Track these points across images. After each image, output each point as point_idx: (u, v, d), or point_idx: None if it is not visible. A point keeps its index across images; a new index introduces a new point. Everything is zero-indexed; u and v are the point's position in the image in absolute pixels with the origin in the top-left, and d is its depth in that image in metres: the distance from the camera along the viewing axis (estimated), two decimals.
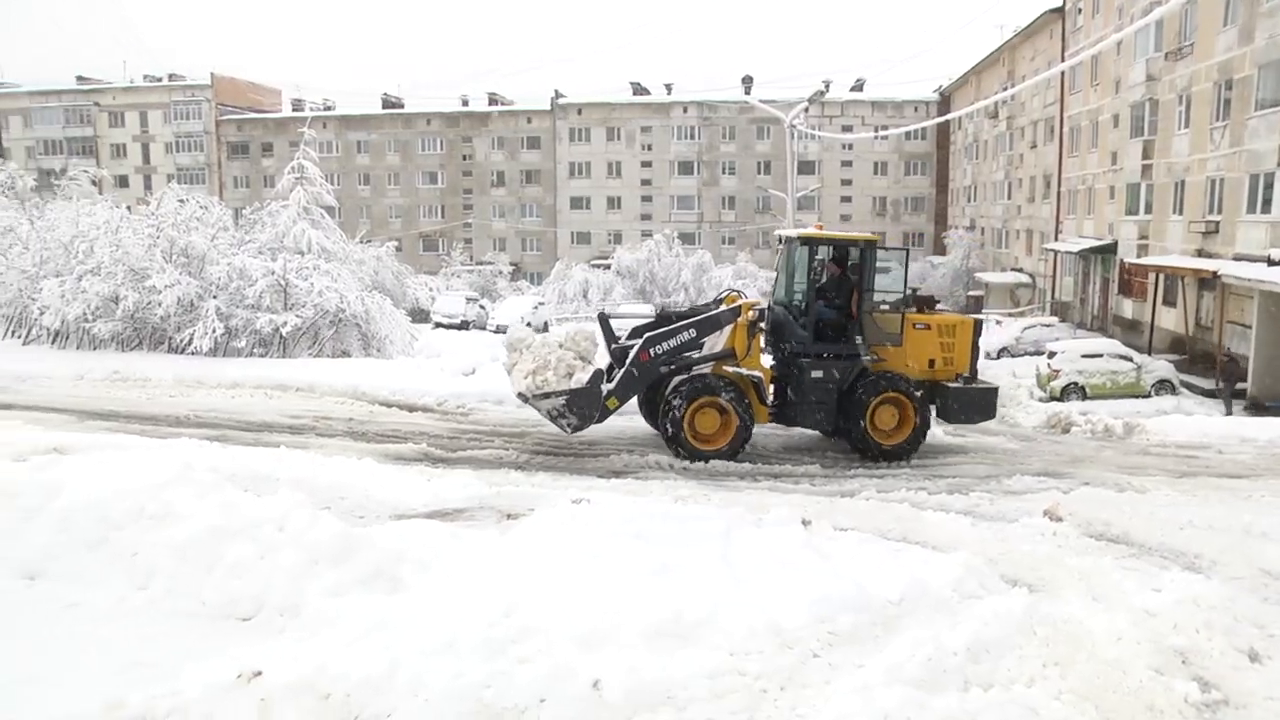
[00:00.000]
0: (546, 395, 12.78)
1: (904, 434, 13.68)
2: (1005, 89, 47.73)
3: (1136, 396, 24.15)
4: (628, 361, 13.10)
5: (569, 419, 12.88)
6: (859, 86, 74.63)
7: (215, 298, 22.65)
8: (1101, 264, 39.41)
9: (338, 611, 6.02)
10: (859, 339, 13.66)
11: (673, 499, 9.35)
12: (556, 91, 76.51)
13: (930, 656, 5.52)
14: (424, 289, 42.07)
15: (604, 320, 14.14)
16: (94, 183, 33.97)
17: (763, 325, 13.80)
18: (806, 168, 68.98)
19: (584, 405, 12.76)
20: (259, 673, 5.07)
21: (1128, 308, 36.21)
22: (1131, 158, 34.72)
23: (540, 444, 13.86)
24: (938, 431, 16.00)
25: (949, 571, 6.80)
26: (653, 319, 14.14)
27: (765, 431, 15.17)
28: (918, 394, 13.70)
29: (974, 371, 14.57)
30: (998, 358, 33.84)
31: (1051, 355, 25.83)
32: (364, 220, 68.56)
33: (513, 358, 13.47)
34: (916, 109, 72.22)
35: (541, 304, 45.30)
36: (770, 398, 13.92)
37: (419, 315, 36.50)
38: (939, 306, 15.52)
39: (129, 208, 27.90)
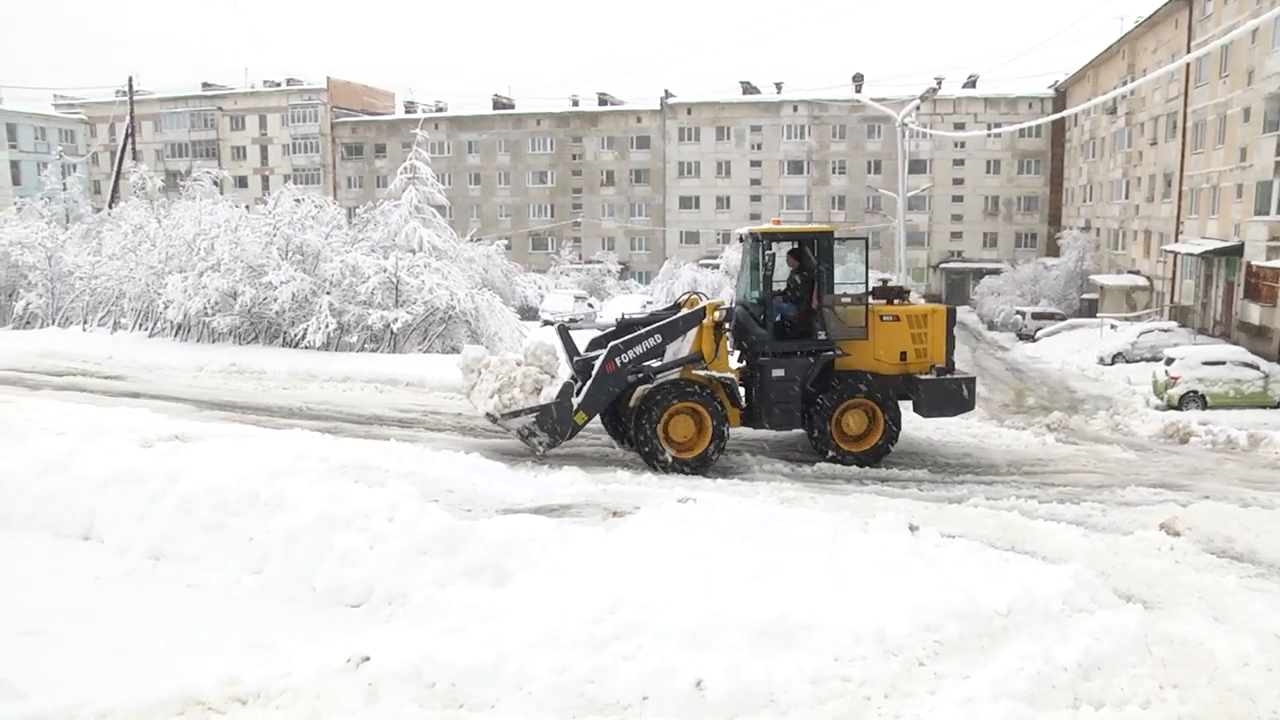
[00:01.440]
0: (515, 414, 12.30)
1: (872, 440, 13.23)
2: (1124, 83, 46.13)
3: (1263, 407, 23.14)
4: (594, 373, 12.53)
5: (539, 437, 12.35)
6: (972, 83, 73.01)
7: (328, 294, 23.32)
8: (1226, 266, 37.82)
9: (444, 602, 6.19)
10: (821, 334, 13.18)
11: (778, 501, 9.32)
12: (666, 91, 76.68)
13: (1039, 671, 5.39)
14: (533, 287, 42.71)
15: (564, 333, 13.66)
16: (216, 183, 35.25)
17: (728, 326, 13.31)
18: (917, 167, 67.76)
19: (555, 421, 12.27)
20: (367, 658, 5.24)
21: (1254, 313, 34.63)
22: (1264, 154, 33.12)
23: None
24: (1049, 438, 15.59)
25: (1059, 583, 6.60)
26: (612, 328, 13.54)
27: None
28: (888, 398, 13.22)
29: (950, 363, 13.93)
30: (1112, 363, 32.80)
31: (1169, 362, 24.92)
32: (474, 219, 69.80)
33: (470, 379, 12.88)
34: (1030, 105, 70.31)
35: (649, 303, 45.49)
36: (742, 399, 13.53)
37: (527, 313, 37.04)
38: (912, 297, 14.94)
39: (247, 207, 28.90)
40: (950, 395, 13.61)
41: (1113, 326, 38.13)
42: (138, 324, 26.44)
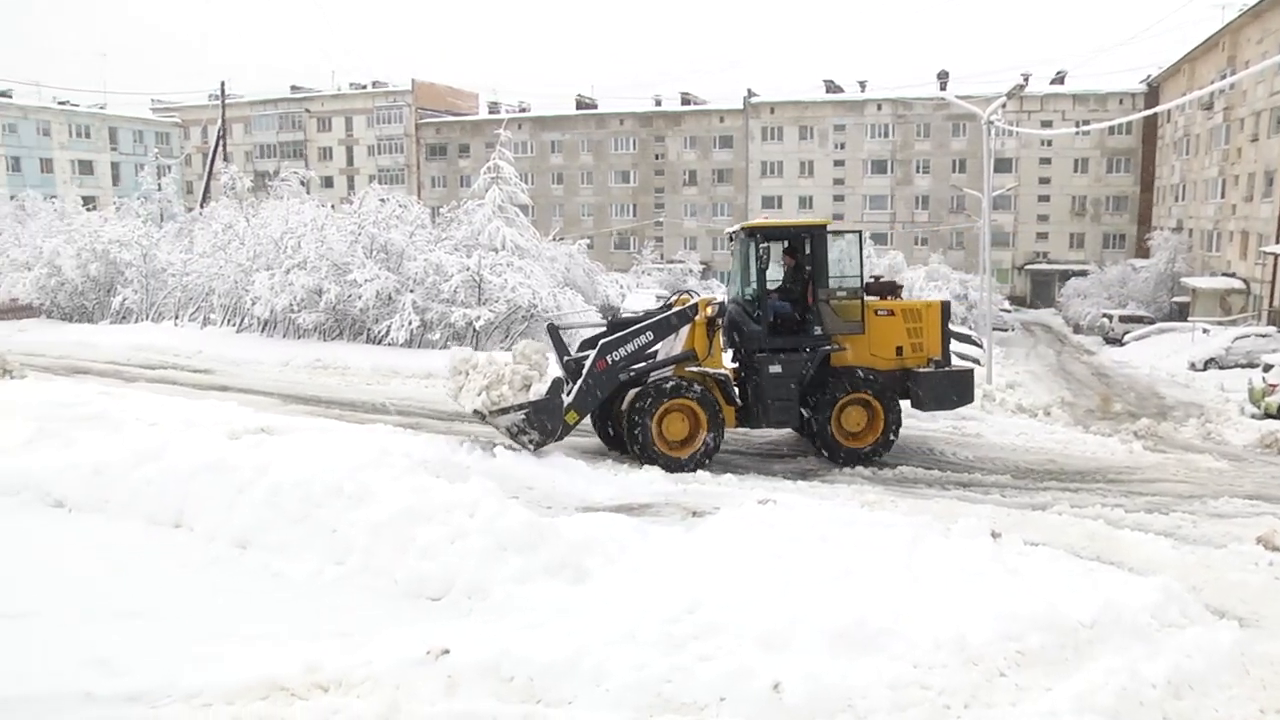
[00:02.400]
0: (504, 411, 11.99)
1: (873, 436, 12.96)
2: (1224, 76, 44.53)
3: None
4: (584, 371, 12.32)
5: (530, 434, 12.06)
6: (1060, 79, 71.32)
7: (412, 292, 23.71)
8: None
9: (523, 597, 6.26)
10: (818, 329, 12.90)
11: (859, 504, 9.23)
12: (749, 90, 76.40)
13: (1125, 686, 5.23)
14: (614, 286, 42.78)
15: (554, 332, 13.40)
16: (302, 183, 36.10)
17: (720, 323, 13.05)
18: (1003, 165, 66.49)
19: (545, 418, 11.98)
20: (447, 651, 5.32)
21: None
22: None
23: (727, 443, 13.88)
24: (1136, 446, 15.19)
25: (1147, 596, 6.39)
26: (604, 328, 13.32)
27: (954, 439, 14.76)
28: (887, 393, 12.94)
29: (946, 355, 13.67)
30: (1204, 369, 31.78)
31: (1268, 368, 23.99)
32: (557, 218, 70.29)
33: (457, 380, 12.61)
34: (1121, 102, 68.36)
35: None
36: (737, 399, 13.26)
37: (609, 312, 37.11)
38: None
39: (333, 207, 29.57)
40: (948, 388, 13.37)
41: (1205, 331, 36.91)
42: (226, 320, 27.19)
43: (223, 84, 53.87)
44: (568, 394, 12.21)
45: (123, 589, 6.68)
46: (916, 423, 16.25)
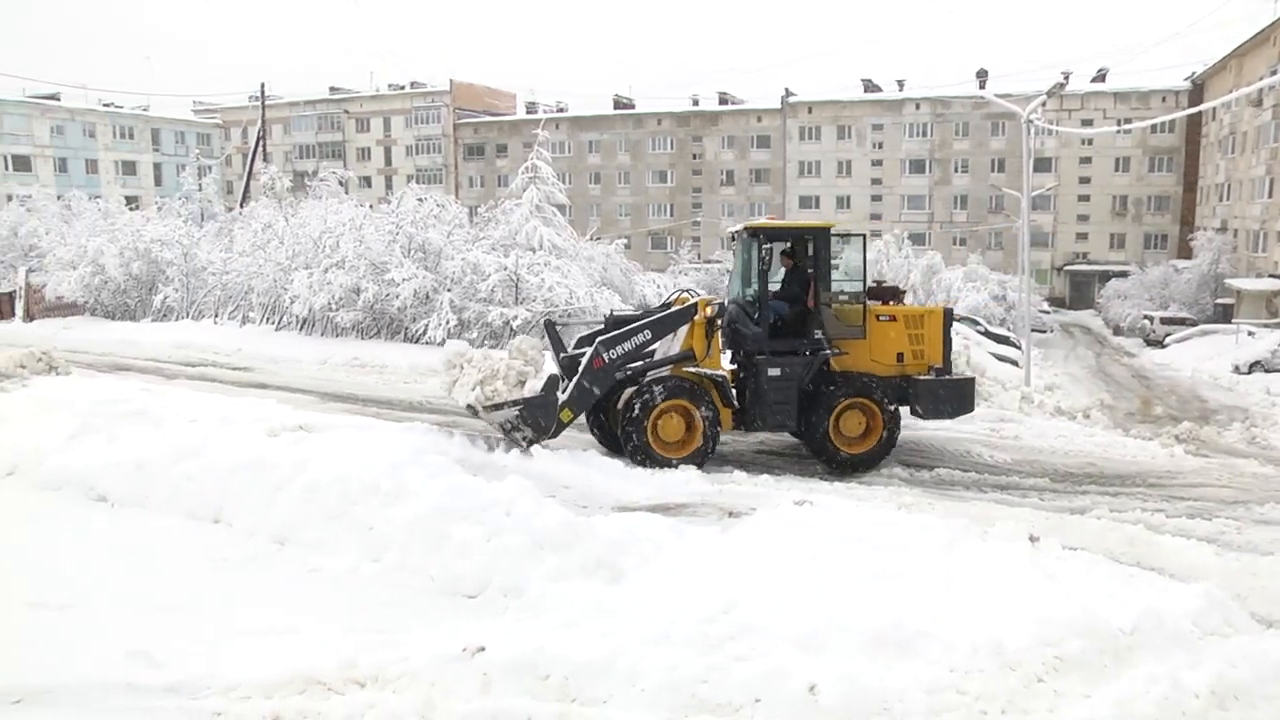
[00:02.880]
0: (498, 406, 11.79)
1: (870, 442, 12.74)
2: (1275, 72, 43.74)
3: None
4: (580, 369, 12.12)
5: (523, 431, 11.84)
6: (1101, 77, 70.43)
7: (449, 291, 23.83)
8: None
9: (559, 596, 6.27)
10: (818, 333, 12.69)
11: (896, 506, 9.17)
12: (787, 90, 76.12)
13: (1166, 695, 5.14)
14: (651, 286, 42.78)
15: (551, 328, 13.23)
16: (341, 183, 36.43)
17: (720, 324, 12.87)
18: (1043, 165, 65.82)
19: (539, 415, 11.74)
20: (482, 648, 5.35)
21: None
22: None
23: (764, 443, 13.87)
24: (1178, 450, 14.97)
25: (1189, 602, 6.27)
26: (601, 326, 13.08)
27: (993, 442, 14.62)
28: (887, 400, 12.71)
29: (947, 363, 13.44)
30: (1249, 372, 31.26)
31: None
32: (594, 218, 70.44)
33: (452, 374, 12.43)
34: (1164, 99, 67.30)
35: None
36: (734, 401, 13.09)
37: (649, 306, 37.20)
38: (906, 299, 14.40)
39: (371, 206, 29.76)
40: (949, 396, 13.18)
41: (1250, 333, 36.32)
42: (265, 318, 27.47)
43: (262, 86, 54.48)
44: (563, 391, 12.05)
45: (163, 582, 6.79)
46: (953, 424, 16.10)
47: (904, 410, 13.18)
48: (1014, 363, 26.77)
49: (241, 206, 43.52)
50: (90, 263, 32.52)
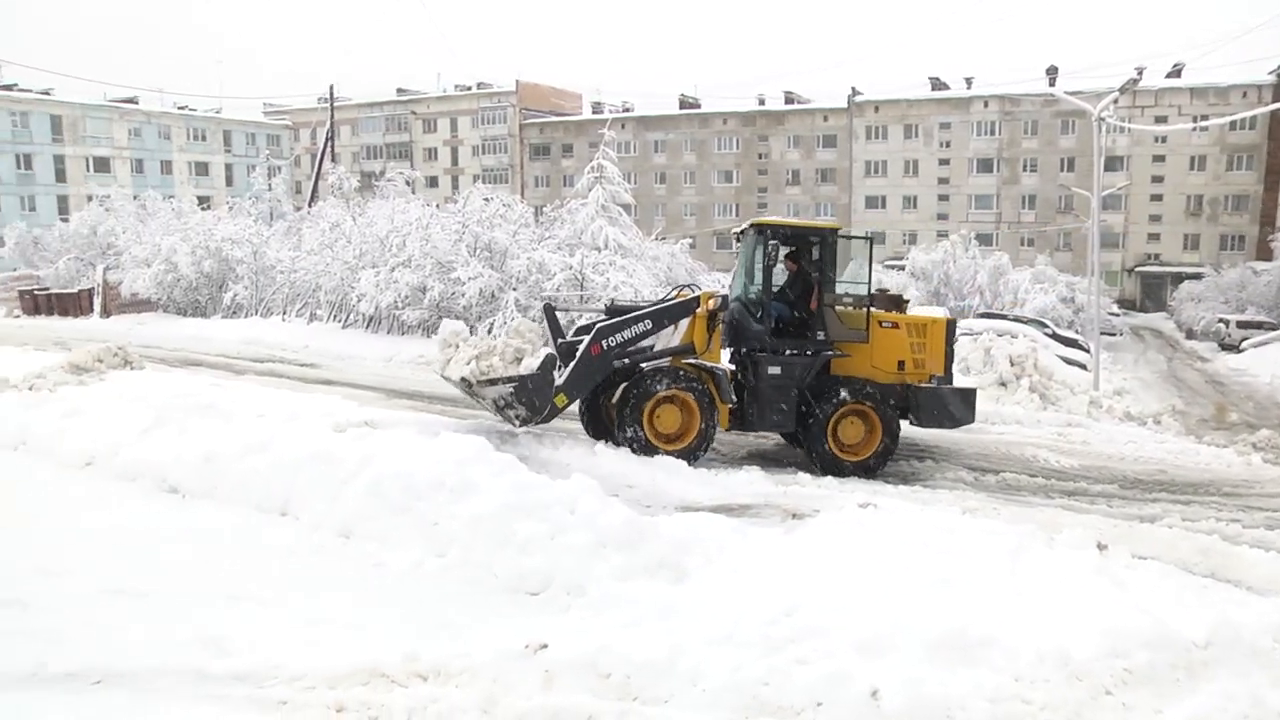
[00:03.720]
0: (492, 381, 11.55)
1: (870, 449, 12.46)
2: None
3: None
4: (578, 355, 11.92)
5: (517, 409, 11.63)
6: (1176, 72, 68.70)
7: (515, 290, 24.03)
8: None
9: (622, 595, 6.27)
10: (821, 333, 12.45)
11: (961, 510, 9.03)
12: (853, 89, 75.61)
13: (1245, 714, 4.95)
14: (717, 285, 42.70)
15: (550, 313, 13.07)
16: (408, 183, 36.83)
17: (723, 318, 12.60)
18: (1114, 164, 64.41)
19: (534, 393, 11.42)
20: (545, 645, 5.37)
21: None
22: None
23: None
24: (1255, 458, 14.57)
25: (1269, 616, 6.05)
26: (602, 315, 12.88)
27: (1060, 447, 14.37)
28: (888, 405, 12.47)
29: (949, 373, 13.18)
30: None
31: None
32: (659, 218, 70.53)
33: (446, 353, 12.33)
34: (1245, 95, 65.45)
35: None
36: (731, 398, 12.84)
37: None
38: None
39: (438, 206, 30.11)
40: (950, 406, 12.95)
41: None
42: (332, 315, 27.93)
43: (331, 88, 55.37)
44: (559, 376, 11.82)
45: (232, 573, 6.92)
46: (1019, 429, 15.91)
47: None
48: (1082, 366, 26.25)
49: (310, 206, 44.26)
50: (164, 261, 33.33)
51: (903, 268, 55.08)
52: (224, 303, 32.48)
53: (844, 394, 12.36)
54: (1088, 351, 28.81)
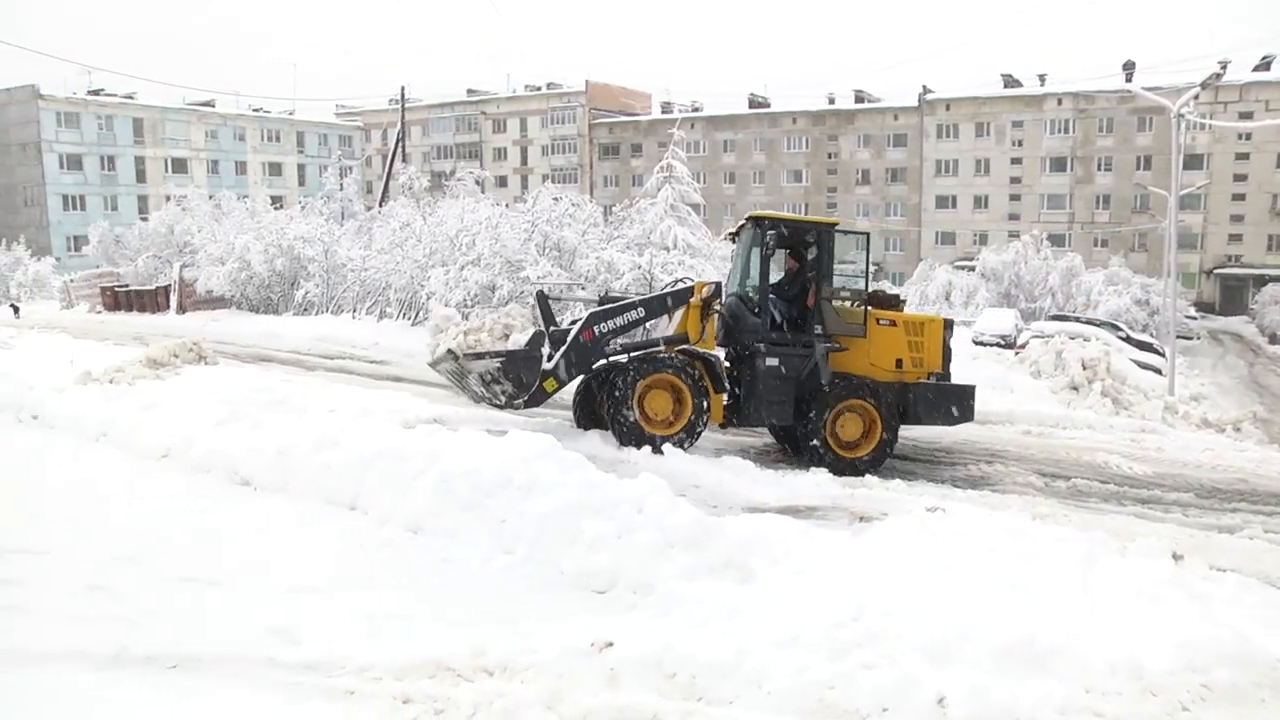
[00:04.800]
0: (479, 355, 11.51)
1: (868, 447, 12.24)
2: None
3: None
4: (569, 340, 11.77)
5: (503, 385, 11.53)
6: (1265, 65, 66.40)
7: (583, 289, 24.15)
8: None
9: (688, 595, 6.25)
10: (818, 328, 12.21)
11: (1030, 516, 8.88)
12: (924, 87, 74.54)
13: None
14: None
15: (542, 300, 12.78)
16: (478, 183, 37.24)
17: (718, 307, 12.40)
18: (1193, 162, 62.49)
19: (521, 370, 11.36)
20: (610, 643, 5.39)
21: None
22: None
23: (898, 448, 13.62)
24: None
25: None
26: (596, 302, 12.82)
27: (1133, 453, 14.05)
28: (886, 403, 12.20)
29: (947, 371, 12.95)
30: None
31: None
32: (728, 218, 69.96)
33: (438, 338, 12.27)
34: None
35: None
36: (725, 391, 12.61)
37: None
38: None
39: (507, 205, 30.38)
40: (948, 404, 12.78)
41: None
42: (402, 314, 28.29)
43: (402, 89, 56.16)
44: (549, 362, 11.72)
45: (302, 564, 7.06)
46: (1091, 434, 15.59)
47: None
48: (1157, 371, 25.69)
49: (381, 205, 44.86)
50: (237, 259, 34.02)
51: (973, 269, 54.32)
52: (295, 300, 33.06)
53: (843, 390, 12.17)
54: (1163, 355, 28.20)
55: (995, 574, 6.25)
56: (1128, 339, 32.37)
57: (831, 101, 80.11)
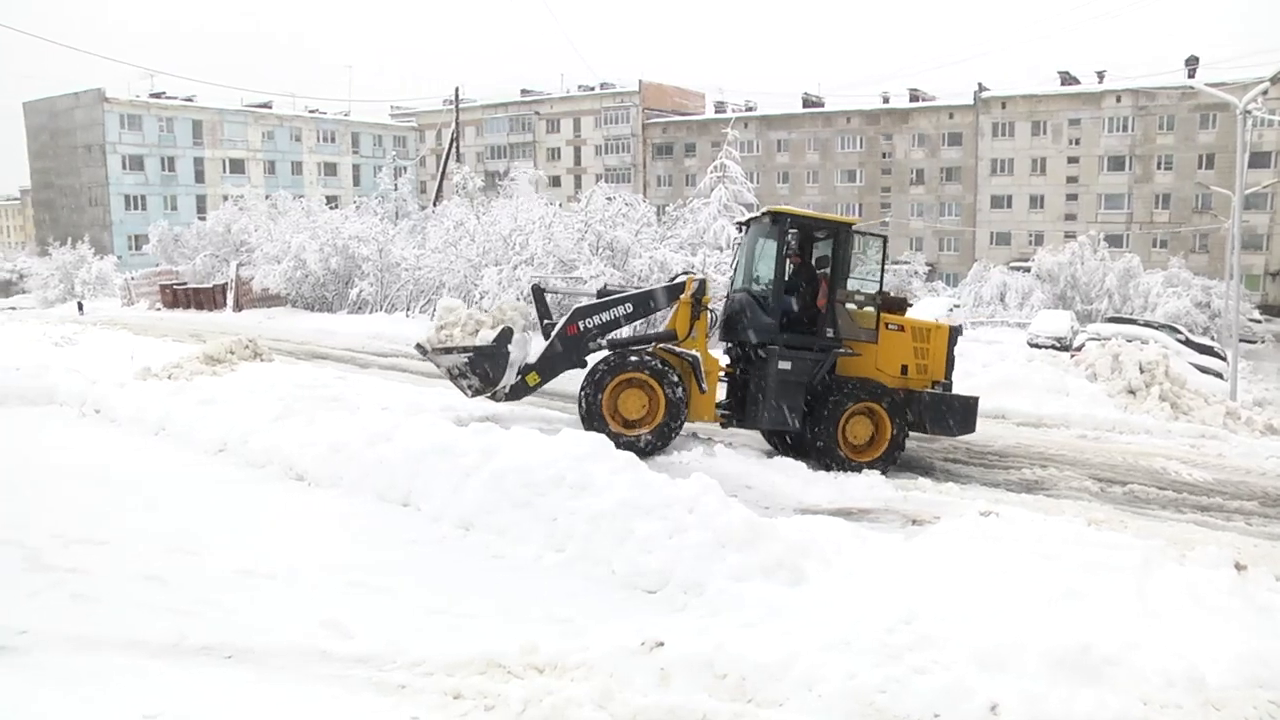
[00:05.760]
0: (448, 350, 11.71)
1: (878, 450, 11.98)
2: None
3: None
4: (553, 334, 11.80)
5: (470, 379, 11.73)
6: None
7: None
8: None
9: (739, 596, 6.25)
10: (830, 330, 11.89)
11: (1085, 522, 8.73)
12: (980, 85, 73.51)
13: None
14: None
15: (538, 293, 12.84)
16: (531, 183, 37.44)
17: (710, 306, 12.18)
18: (1259, 160, 60.61)
19: (487, 365, 11.52)
20: (661, 643, 5.38)
21: None
22: None
23: (951, 450, 13.51)
24: None
25: None
26: (593, 297, 12.68)
27: (1192, 459, 13.76)
28: (895, 407, 11.97)
29: (950, 380, 12.66)
30: None
31: None
32: None
33: (441, 333, 12.29)
34: None
35: (957, 306, 44.01)
36: (725, 395, 12.48)
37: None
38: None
39: (561, 205, 30.51)
40: (952, 413, 12.50)
41: None
42: None
43: (457, 90, 56.45)
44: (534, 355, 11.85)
45: (355, 559, 7.15)
46: (1149, 439, 15.29)
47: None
48: (1218, 375, 25.12)
49: (435, 205, 45.28)
50: (293, 258, 34.53)
51: (1028, 269, 53.52)
52: (349, 298, 33.48)
53: (856, 392, 11.94)
54: (1224, 359, 27.60)
55: (1050, 580, 6.16)
56: (1187, 342, 31.70)
57: (886, 100, 79.34)
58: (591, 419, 11.54)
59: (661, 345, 12.04)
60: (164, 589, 6.42)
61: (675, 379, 11.73)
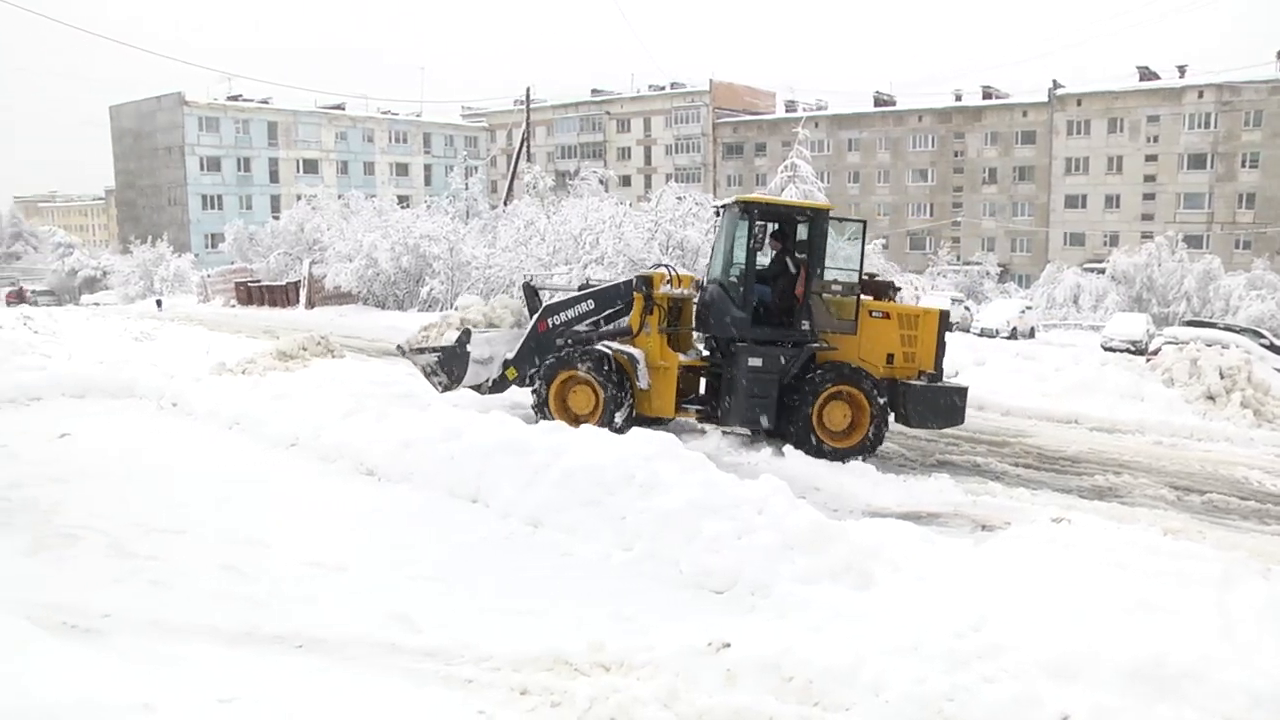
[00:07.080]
0: (421, 350, 12.61)
1: (856, 438, 11.65)
2: None
3: None
4: (527, 330, 12.29)
5: (439, 377, 12.44)
6: None
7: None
8: None
9: (807, 598, 6.22)
10: (805, 324, 11.57)
11: (1161, 531, 8.50)
12: (1055, 81, 72.05)
13: None
14: (909, 288, 41.81)
15: (529, 290, 13.16)
16: (601, 182, 37.58)
17: (659, 300, 12.02)
18: None
19: (452, 364, 12.29)
20: (728, 644, 5.37)
21: None
22: None
23: (1022, 455, 13.26)
24: None
25: None
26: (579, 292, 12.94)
27: (1277, 469, 13.35)
28: (876, 392, 11.60)
29: (939, 370, 12.16)
30: None
31: None
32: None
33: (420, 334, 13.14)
34: None
35: (1029, 308, 43.24)
36: (704, 390, 12.35)
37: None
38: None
39: (631, 204, 30.60)
40: (940, 405, 12.06)
41: None
42: None
43: (528, 90, 56.90)
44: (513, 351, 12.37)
45: (425, 554, 7.25)
46: (1230, 447, 14.86)
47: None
48: None
49: (505, 205, 45.67)
50: (365, 256, 35.08)
51: (1103, 271, 52.37)
52: (420, 296, 33.92)
53: (830, 375, 11.69)
54: None
55: (1123, 590, 6.01)
56: (1271, 346, 30.72)
57: (958, 98, 78.21)
58: (541, 412, 11.96)
59: (607, 341, 12.19)
60: (238, 578, 6.59)
61: (613, 375, 11.85)
